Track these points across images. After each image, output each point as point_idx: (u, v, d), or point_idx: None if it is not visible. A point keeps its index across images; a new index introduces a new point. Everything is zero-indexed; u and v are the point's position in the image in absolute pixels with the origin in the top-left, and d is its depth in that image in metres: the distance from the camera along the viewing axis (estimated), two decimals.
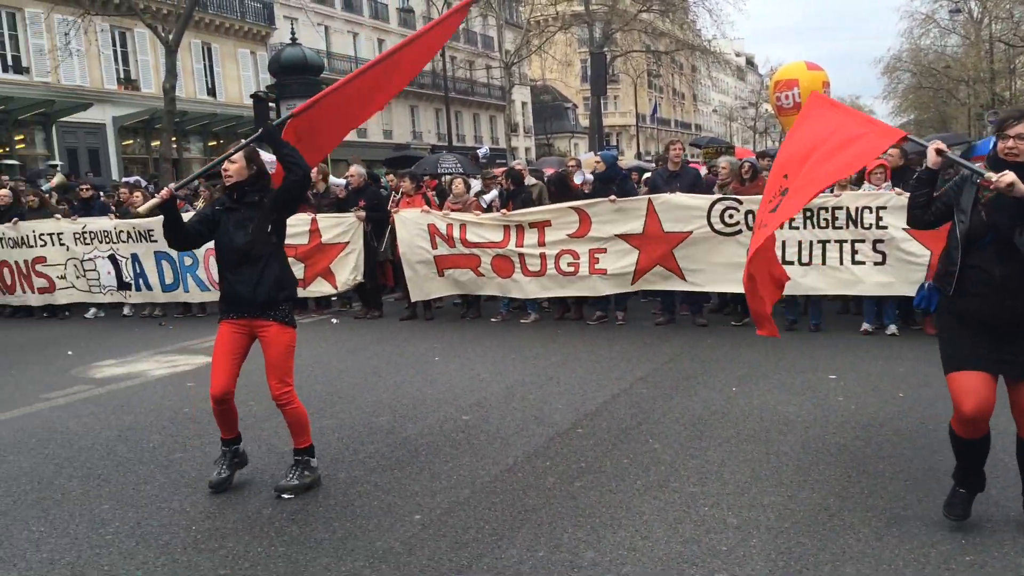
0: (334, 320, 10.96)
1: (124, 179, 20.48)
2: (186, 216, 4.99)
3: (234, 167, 4.61)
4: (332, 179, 11.82)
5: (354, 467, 5.06)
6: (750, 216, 8.75)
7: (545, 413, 6.07)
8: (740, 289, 8.85)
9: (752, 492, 4.43)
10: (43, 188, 14.23)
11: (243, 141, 4.84)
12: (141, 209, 4.66)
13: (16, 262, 12.30)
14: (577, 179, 10.08)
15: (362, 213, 10.54)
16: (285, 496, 4.56)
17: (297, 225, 10.78)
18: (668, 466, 4.87)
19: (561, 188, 10.28)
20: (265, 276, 4.56)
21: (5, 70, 25.22)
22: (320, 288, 10.92)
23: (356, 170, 11.36)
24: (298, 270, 10.89)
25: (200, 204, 11.79)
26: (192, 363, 8.44)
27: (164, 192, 4.57)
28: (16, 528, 4.28)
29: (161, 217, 4.63)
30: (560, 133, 62.27)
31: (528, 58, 47.47)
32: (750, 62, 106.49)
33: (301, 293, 11.06)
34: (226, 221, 4.63)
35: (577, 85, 64.51)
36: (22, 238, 12.29)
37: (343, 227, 10.64)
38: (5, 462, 5.37)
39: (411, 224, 10.32)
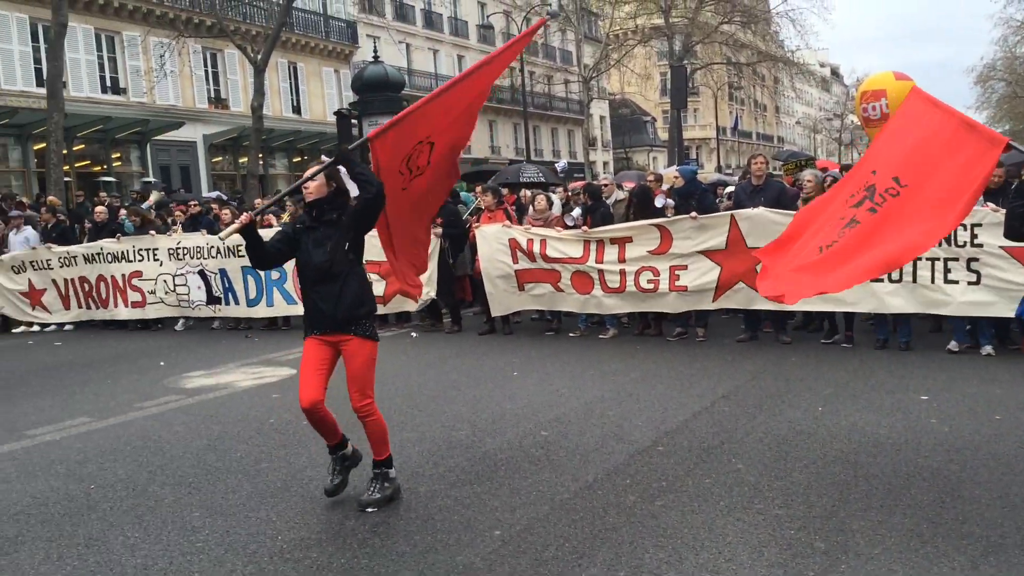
0: (413, 334, 11.09)
1: (205, 195, 21.26)
2: (269, 233, 5.11)
3: (314, 184, 4.71)
4: None
5: (434, 481, 5.09)
6: None
7: (625, 430, 6.01)
8: (826, 307, 8.72)
9: (840, 516, 4.31)
10: (142, 207, 14.79)
11: (320, 165, 4.93)
12: (223, 234, 4.80)
13: (113, 276, 12.84)
14: (658, 203, 9.97)
15: (439, 230, 10.68)
16: (369, 510, 4.62)
17: (379, 243, 11.00)
18: (752, 487, 4.77)
19: (643, 201, 10.20)
20: (345, 293, 4.65)
21: (104, 91, 26.37)
22: (401, 305, 11.11)
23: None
24: (379, 287, 11.10)
25: (285, 218, 12.09)
26: (277, 375, 8.65)
27: (244, 218, 4.68)
28: (112, 534, 4.44)
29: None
30: (639, 146, 61.93)
31: (607, 72, 47.38)
32: (835, 73, 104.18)
33: (381, 310, 11.27)
34: (306, 240, 4.73)
35: (656, 98, 64.07)
36: (122, 253, 12.82)
37: None
38: (103, 469, 5.59)
39: (492, 239, 10.39)
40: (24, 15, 23.84)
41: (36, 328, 13.41)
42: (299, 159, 32.39)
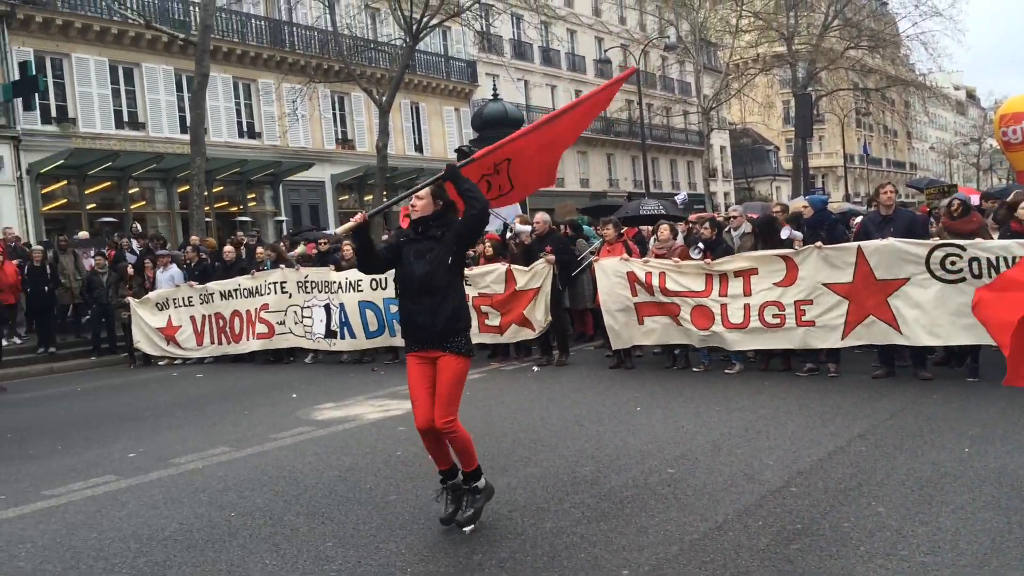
0: (535, 368, 11.11)
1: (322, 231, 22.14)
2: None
3: (421, 203, 4.84)
4: (518, 226, 12.13)
5: (560, 517, 5.06)
6: (974, 264, 8.12)
7: (755, 469, 5.83)
8: (969, 340, 8.24)
9: (993, 565, 4.03)
10: (289, 254, 15.21)
11: (430, 179, 5.10)
12: (339, 230, 4.99)
13: (247, 311, 13.45)
14: (784, 234, 9.72)
15: (551, 257, 10.81)
16: (467, 530, 4.72)
17: (492, 273, 11.23)
18: (895, 532, 4.52)
19: (767, 232, 9.96)
20: (443, 307, 4.73)
21: (241, 135, 27.85)
22: (518, 335, 11.22)
23: (542, 216, 11.69)
24: (495, 318, 11.25)
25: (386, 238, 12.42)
26: (403, 407, 8.81)
27: (359, 216, 4.87)
28: (252, 561, 4.60)
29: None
30: (761, 176, 60.61)
31: (727, 102, 46.76)
32: (971, 95, 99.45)
33: (499, 340, 11.41)
34: (408, 252, 4.84)
35: (779, 127, 62.70)
36: (256, 288, 13.44)
37: (532, 272, 10.97)
38: (243, 497, 5.82)
39: (610, 272, 10.36)
40: (170, 67, 25.50)
41: (179, 361, 14.15)
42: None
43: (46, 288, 15.16)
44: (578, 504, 5.28)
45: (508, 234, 12.38)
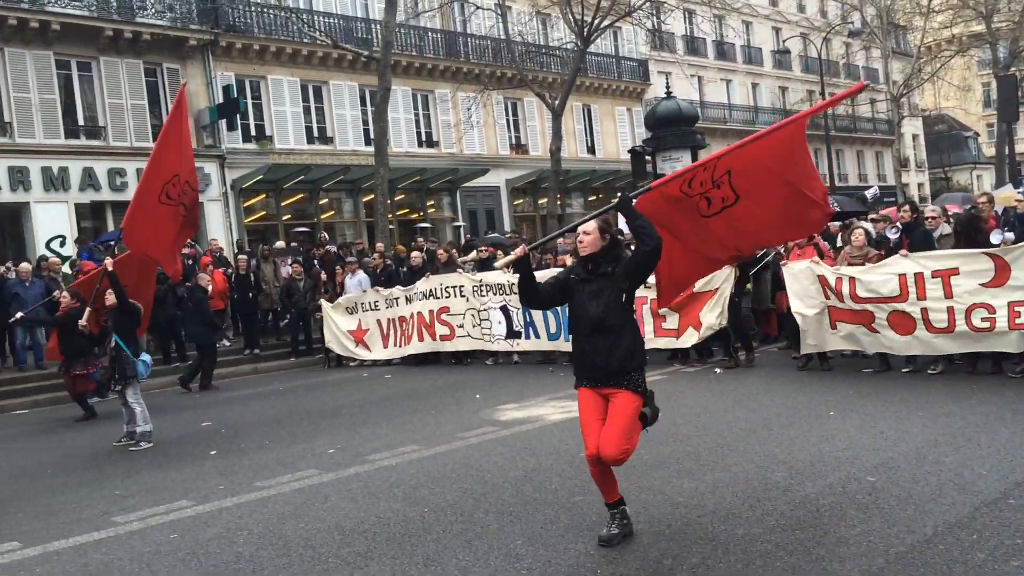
0: (717, 370, 10.85)
1: (482, 235, 22.57)
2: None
3: (588, 239, 4.73)
4: None
5: (752, 524, 4.91)
6: None
7: (966, 479, 5.42)
8: None
9: None
10: (463, 259, 15.71)
11: (599, 211, 5.00)
12: (499, 263, 5.00)
13: (430, 311, 13.94)
14: (994, 239, 8.95)
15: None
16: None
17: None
18: None
19: (970, 232, 9.21)
20: (617, 346, 4.65)
21: (420, 145, 28.90)
22: (689, 339, 11.00)
23: None
24: (673, 320, 11.07)
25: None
26: None
27: (519, 250, 4.84)
28: (446, 556, 4.76)
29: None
30: (959, 165, 56.40)
31: (919, 87, 43.87)
32: None
33: (674, 344, 11.21)
34: (580, 291, 4.77)
35: (979, 112, 58.11)
36: (431, 291, 13.91)
37: (711, 274, 10.70)
38: (434, 494, 6.03)
39: (800, 276, 9.97)
40: (355, 83, 26.83)
41: (368, 362, 14.86)
42: (594, 198, 33.25)
43: (250, 294, 16.32)
44: (771, 511, 5.11)
45: None
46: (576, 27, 23.82)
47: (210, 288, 14.58)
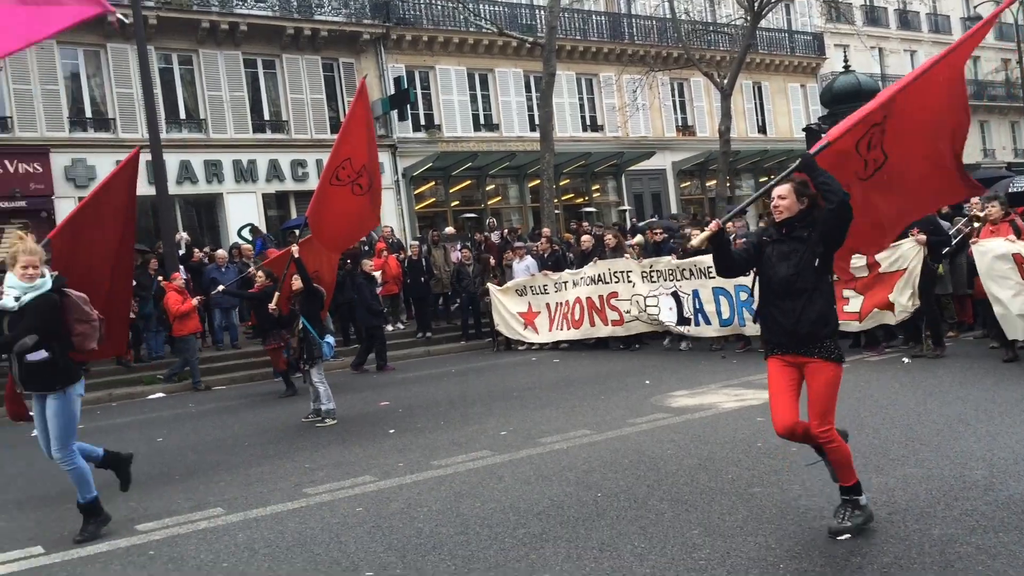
0: (905, 359, 10.23)
1: (646, 220, 22.30)
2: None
3: (784, 203, 4.57)
4: None
5: (948, 524, 4.60)
6: None
7: None
8: None
9: None
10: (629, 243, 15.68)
11: (783, 173, 4.78)
12: (694, 242, 4.88)
13: (598, 297, 13.93)
14: None
15: (922, 237, 9.89)
16: (840, 538, 4.42)
17: (856, 259, 10.50)
18: None
19: None
20: (808, 310, 4.46)
21: (584, 129, 28.86)
22: (879, 319, 10.43)
23: None
24: (856, 303, 10.54)
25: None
26: (759, 398, 8.56)
27: (713, 225, 4.72)
28: (622, 541, 4.74)
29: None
30: None
31: None
32: None
33: (857, 327, 10.66)
34: (771, 253, 4.62)
35: None
36: (599, 276, 13.88)
37: (898, 253, 10.09)
38: (606, 479, 6.02)
39: (993, 255, 9.23)
40: (519, 69, 27.11)
41: (536, 346, 15.03)
42: (765, 178, 32.10)
43: (422, 279, 16.87)
44: (970, 511, 4.77)
45: None
46: (747, 2, 23.01)
47: (378, 275, 15.13)
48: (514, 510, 5.46)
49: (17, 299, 5.39)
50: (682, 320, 12.73)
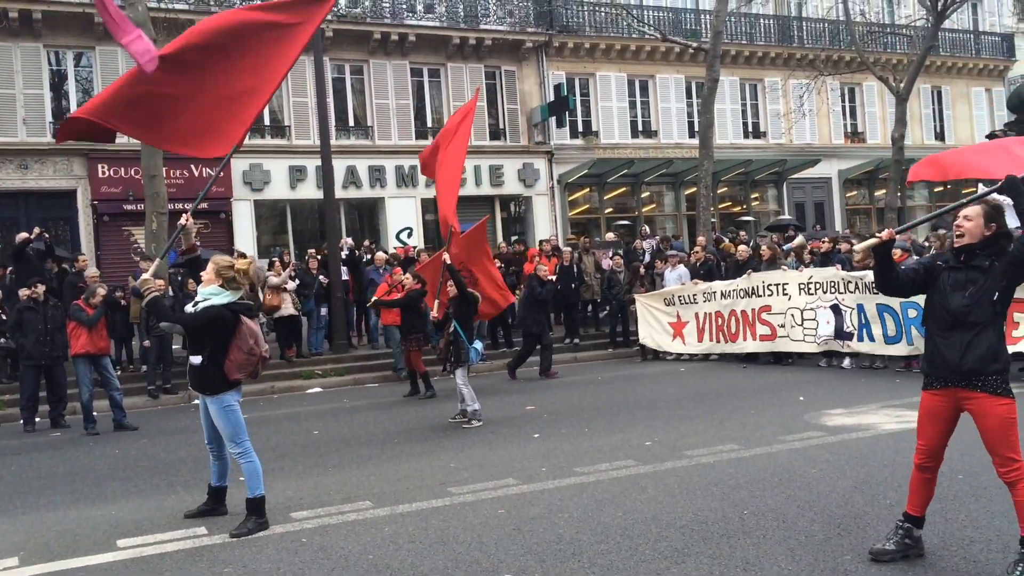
0: None
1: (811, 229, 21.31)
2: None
3: (969, 224, 4.25)
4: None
5: None
6: None
7: None
8: None
9: None
10: (785, 247, 15.30)
11: (980, 192, 4.42)
12: (859, 246, 4.63)
13: (743, 311, 13.52)
14: None
15: None
16: None
17: None
18: None
19: None
20: (975, 344, 4.14)
21: (746, 136, 28.05)
22: None
23: None
24: None
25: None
26: None
27: (884, 234, 4.44)
28: (767, 562, 4.57)
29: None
30: None
31: None
32: None
33: None
34: (945, 279, 4.30)
35: None
36: (752, 288, 13.46)
37: None
38: (754, 496, 5.83)
39: None
40: (681, 76, 26.70)
41: (685, 356, 14.75)
42: (941, 189, 30.14)
43: (573, 285, 16.89)
44: None
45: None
46: (929, 1, 21.72)
47: (552, 279, 14.96)
48: (656, 522, 5.37)
49: (196, 303, 5.87)
50: (842, 335, 12.15)
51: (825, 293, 12.35)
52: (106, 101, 5.85)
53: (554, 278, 15.06)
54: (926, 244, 13.97)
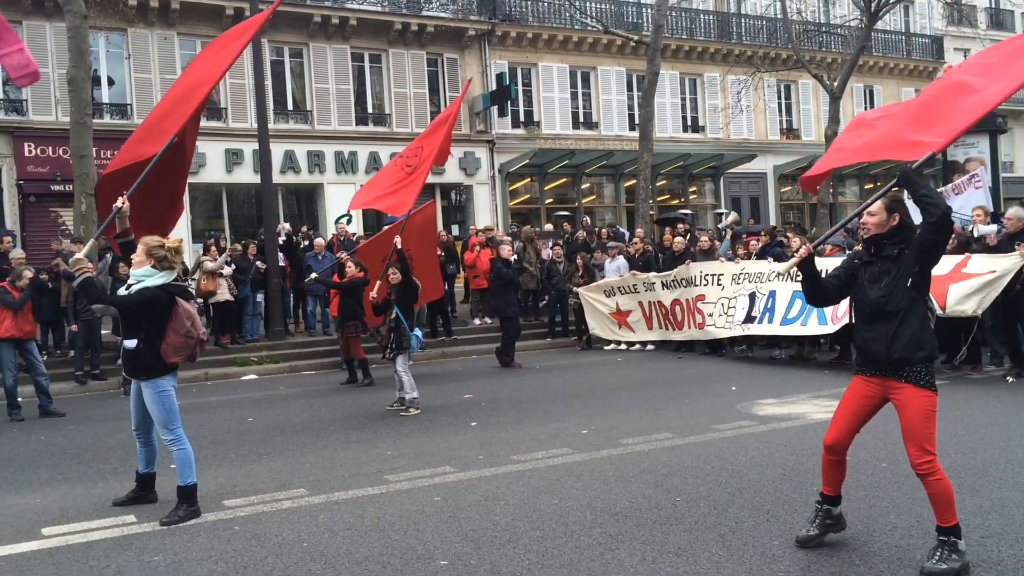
0: (1010, 379, 9.76)
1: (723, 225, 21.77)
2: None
3: (873, 219, 4.41)
4: (980, 227, 10.80)
5: None
6: None
7: None
8: None
9: None
10: (720, 226, 15.66)
11: (882, 190, 4.57)
12: (780, 268, 4.75)
13: (686, 300, 13.78)
14: None
15: None
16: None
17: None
18: None
19: None
20: (900, 333, 4.26)
21: (684, 130, 28.44)
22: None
23: (1015, 213, 10.28)
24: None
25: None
26: None
27: (803, 251, 4.54)
28: (699, 548, 4.67)
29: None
30: None
31: None
32: None
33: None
34: (862, 275, 4.44)
35: None
36: (692, 278, 13.71)
37: (996, 264, 9.74)
38: (687, 484, 5.94)
39: None
40: (622, 68, 26.91)
41: (623, 346, 14.93)
42: (871, 185, 31.06)
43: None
44: None
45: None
46: (863, 2, 22.26)
47: (513, 259, 14.82)
48: (591, 509, 5.44)
49: (129, 285, 5.76)
50: (747, 318, 12.46)
51: (749, 283, 12.66)
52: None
53: (515, 258, 15.06)
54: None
